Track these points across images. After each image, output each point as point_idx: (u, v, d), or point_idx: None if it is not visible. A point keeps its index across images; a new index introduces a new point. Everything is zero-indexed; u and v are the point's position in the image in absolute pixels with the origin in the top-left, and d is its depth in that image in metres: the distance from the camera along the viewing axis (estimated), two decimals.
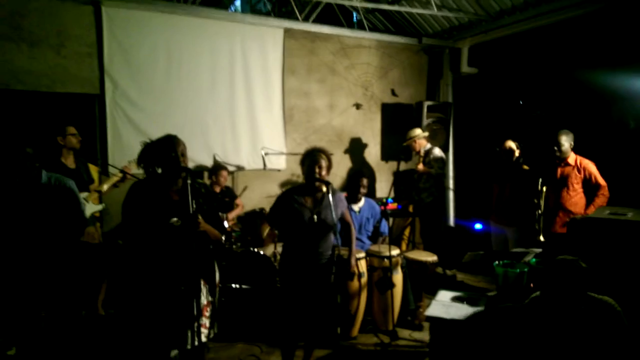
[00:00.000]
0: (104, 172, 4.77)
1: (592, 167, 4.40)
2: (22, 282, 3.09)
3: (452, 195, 7.13)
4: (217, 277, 2.96)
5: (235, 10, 7.17)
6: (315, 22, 6.15)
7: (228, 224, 4.74)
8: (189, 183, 2.56)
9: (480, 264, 5.70)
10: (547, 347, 2.48)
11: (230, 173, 5.58)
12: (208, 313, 2.81)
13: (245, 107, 5.79)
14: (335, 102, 6.55)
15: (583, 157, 4.47)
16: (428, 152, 5.60)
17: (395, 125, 6.73)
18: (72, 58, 4.87)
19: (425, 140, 5.71)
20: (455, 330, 2.99)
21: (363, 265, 4.14)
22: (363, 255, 4.18)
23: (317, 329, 3.33)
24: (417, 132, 5.69)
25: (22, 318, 3.14)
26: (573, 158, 4.47)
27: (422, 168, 5.52)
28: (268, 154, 5.80)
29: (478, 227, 5.97)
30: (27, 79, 4.68)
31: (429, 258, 4.43)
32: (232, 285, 4.29)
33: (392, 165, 6.96)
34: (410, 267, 4.42)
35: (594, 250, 3.19)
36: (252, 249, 4.50)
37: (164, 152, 2.69)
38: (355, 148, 6.75)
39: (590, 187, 4.39)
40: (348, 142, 6.69)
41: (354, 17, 7.48)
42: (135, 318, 2.90)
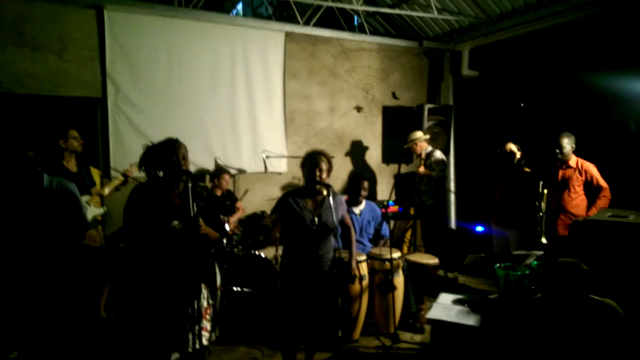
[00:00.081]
0: (106, 175, 4.79)
1: (593, 169, 4.41)
2: (24, 285, 3.10)
3: (453, 198, 7.12)
4: (218, 280, 2.96)
5: (237, 14, 7.20)
6: (316, 25, 6.16)
7: (229, 227, 4.74)
8: (190, 186, 2.57)
9: (482, 267, 5.68)
10: (549, 349, 2.48)
11: (232, 176, 5.59)
12: (209, 316, 2.82)
13: (246, 110, 5.80)
14: (336, 105, 6.56)
15: (584, 159, 4.48)
16: (429, 154, 5.60)
17: (396, 128, 6.73)
18: (74, 62, 4.89)
19: (427, 143, 5.70)
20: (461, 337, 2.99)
21: (364, 268, 4.15)
22: (364, 258, 4.19)
23: (318, 332, 3.32)
24: (418, 134, 5.69)
25: (24, 321, 3.15)
26: (574, 160, 4.47)
27: (423, 171, 5.52)
28: (269, 157, 5.81)
29: (479, 229, 5.96)
30: (29, 83, 4.69)
31: (430, 261, 4.43)
32: (233, 289, 4.29)
33: (393, 168, 6.96)
34: (412, 269, 4.42)
35: (596, 253, 3.19)
36: (253, 252, 4.50)
37: (166, 155, 2.70)
38: (356, 151, 6.76)
39: (592, 189, 4.39)
40: (349, 145, 6.70)
41: (355, 20, 7.50)
42: (137, 321, 2.90)
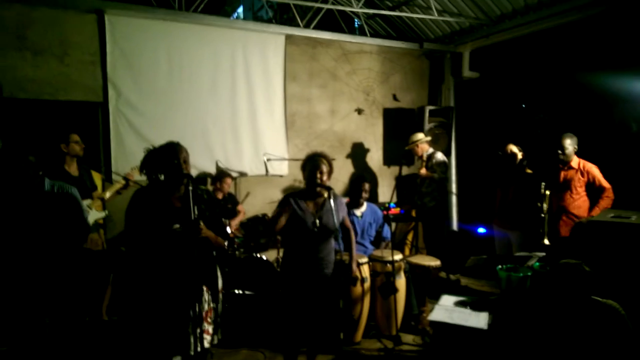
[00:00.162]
0: (108, 179, 4.79)
1: (595, 170, 4.40)
2: (25, 288, 3.10)
3: (454, 200, 7.11)
4: (220, 283, 2.96)
5: (238, 18, 7.22)
6: (317, 28, 6.17)
7: (231, 230, 4.74)
8: (191, 189, 2.57)
9: (484, 268, 5.67)
10: (551, 350, 2.47)
11: (233, 179, 5.59)
12: (211, 319, 2.81)
13: (247, 113, 5.81)
14: (337, 107, 6.56)
15: (586, 160, 4.47)
16: (430, 156, 5.60)
17: (397, 130, 6.73)
18: (75, 66, 4.90)
19: (428, 145, 5.70)
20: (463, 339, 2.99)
21: (366, 270, 4.14)
22: (366, 260, 4.18)
23: (319, 335, 3.32)
24: (419, 136, 5.69)
25: (24, 323, 3.15)
26: (576, 161, 4.46)
27: (424, 172, 5.51)
28: (270, 160, 5.81)
29: (481, 231, 5.95)
30: (30, 88, 4.71)
31: (432, 263, 4.42)
32: (235, 291, 4.29)
33: (394, 170, 6.96)
34: (413, 271, 4.41)
35: (598, 254, 3.18)
36: (254, 255, 4.50)
37: (167, 159, 2.70)
38: (357, 153, 6.76)
39: (594, 190, 4.38)
40: (350, 147, 6.70)
41: (355, 22, 7.52)
42: (138, 324, 2.90)
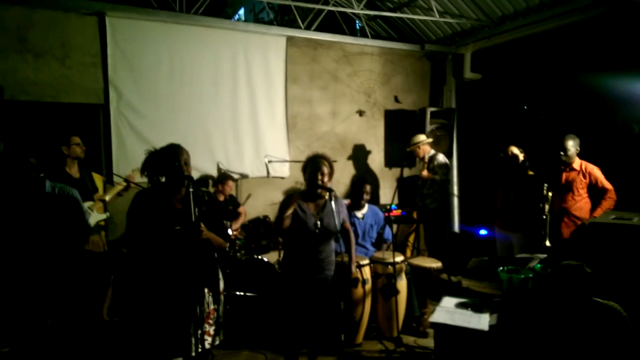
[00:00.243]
0: (109, 181, 4.79)
1: (597, 172, 4.38)
2: (27, 290, 3.11)
3: (456, 201, 7.10)
4: (221, 284, 2.95)
5: (239, 20, 7.23)
6: (318, 30, 6.17)
7: (232, 232, 4.74)
8: (192, 191, 2.57)
9: (485, 270, 5.66)
10: (552, 352, 2.46)
11: (235, 181, 5.59)
12: (212, 320, 2.81)
13: (248, 114, 5.81)
14: (338, 109, 6.56)
15: (588, 161, 4.46)
16: (432, 158, 5.59)
17: (399, 132, 6.73)
18: (76, 68, 4.91)
19: (429, 146, 5.70)
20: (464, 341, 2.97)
21: (367, 272, 4.13)
22: (367, 262, 4.17)
23: (320, 336, 3.31)
24: (421, 138, 5.68)
25: (27, 326, 3.15)
26: (578, 163, 4.45)
27: (426, 174, 5.51)
28: (271, 162, 5.81)
29: (483, 233, 5.94)
30: (32, 90, 4.72)
31: (434, 264, 4.42)
32: (236, 293, 4.29)
33: (395, 172, 6.95)
34: (415, 273, 4.40)
35: (599, 255, 3.17)
36: (256, 257, 4.50)
37: (168, 161, 2.70)
38: (359, 155, 6.75)
39: (596, 191, 4.37)
40: (351, 149, 6.70)
41: (357, 24, 7.51)
42: (140, 325, 2.90)
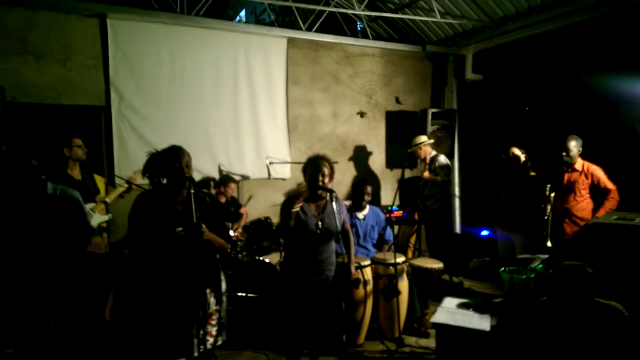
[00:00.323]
0: (111, 182, 4.80)
1: (599, 172, 4.37)
2: (30, 291, 3.11)
3: (457, 202, 7.09)
4: (223, 285, 2.96)
5: (240, 21, 7.24)
6: (319, 31, 6.17)
7: (234, 234, 4.75)
8: (193, 192, 2.57)
9: (487, 271, 5.66)
10: (554, 352, 2.45)
11: (236, 183, 5.59)
12: (214, 321, 2.81)
13: (250, 116, 5.81)
14: (339, 110, 6.56)
15: (590, 162, 4.44)
16: (433, 159, 5.58)
17: (400, 133, 6.72)
18: (77, 70, 4.93)
19: (431, 147, 5.69)
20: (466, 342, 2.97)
21: (368, 273, 4.13)
22: (368, 263, 4.17)
23: (322, 337, 3.31)
24: (422, 139, 5.68)
25: (31, 327, 3.16)
26: (580, 164, 4.44)
27: (427, 175, 5.50)
28: (272, 163, 5.81)
29: (484, 233, 5.94)
30: (33, 92, 4.73)
31: (435, 265, 4.41)
32: (238, 294, 4.29)
33: (396, 173, 6.95)
34: (416, 274, 4.40)
35: (601, 256, 3.17)
36: (257, 258, 4.51)
37: (169, 163, 2.71)
38: (360, 156, 6.75)
39: (599, 192, 4.35)
40: (352, 150, 6.69)
41: (358, 25, 7.52)
42: (142, 326, 2.90)
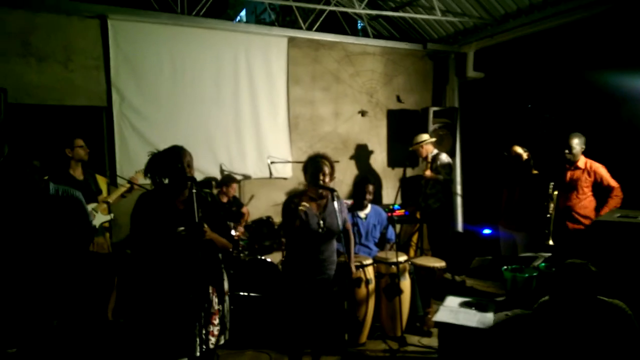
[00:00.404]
0: (113, 182, 4.81)
1: (602, 170, 4.36)
2: (33, 291, 3.12)
3: (459, 201, 7.08)
4: (225, 285, 2.96)
5: (240, 21, 7.24)
6: (319, 30, 6.16)
7: (235, 233, 4.75)
8: (194, 192, 2.58)
9: (489, 269, 5.64)
10: (557, 351, 2.45)
11: (238, 183, 5.59)
12: (217, 321, 2.82)
13: (251, 116, 5.81)
14: (340, 109, 6.56)
15: (593, 159, 4.43)
16: (435, 157, 5.57)
17: (401, 132, 6.71)
18: (79, 71, 4.94)
19: (432, 146, 5.68)
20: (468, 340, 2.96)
21: (370, 272, 4.12)
22: (370, 262, 4.17)
23: (324, 336, 3.31)
24: (424, 137, 5.67)
25: (34, 326, 3.17)
26: (583, 161, 4.43)
27: (429, 174, 5.49)
28: (274, 163, 5.81)
29: (487, 232, 5.92)
30: (35, 93, 4.74)
31: (437, 264, 4.41)
32: (240, 293, 4.29)
33: (398, 172, 6.94)
34: (418, 273, 4.40)
35: (604, 253, 3.16)
36: (259, 257, 4.51)
37: (171, 163, 2.71)
38: (361, 155, 6.75)
39: (602, 189, 4.34)
40: (354, 149, 6.69)
41: (358, 24, 7.51)
42: (144, 326, 2.91)
